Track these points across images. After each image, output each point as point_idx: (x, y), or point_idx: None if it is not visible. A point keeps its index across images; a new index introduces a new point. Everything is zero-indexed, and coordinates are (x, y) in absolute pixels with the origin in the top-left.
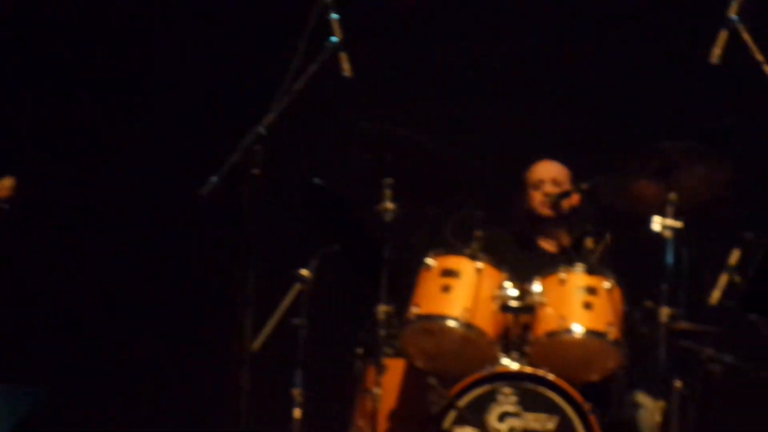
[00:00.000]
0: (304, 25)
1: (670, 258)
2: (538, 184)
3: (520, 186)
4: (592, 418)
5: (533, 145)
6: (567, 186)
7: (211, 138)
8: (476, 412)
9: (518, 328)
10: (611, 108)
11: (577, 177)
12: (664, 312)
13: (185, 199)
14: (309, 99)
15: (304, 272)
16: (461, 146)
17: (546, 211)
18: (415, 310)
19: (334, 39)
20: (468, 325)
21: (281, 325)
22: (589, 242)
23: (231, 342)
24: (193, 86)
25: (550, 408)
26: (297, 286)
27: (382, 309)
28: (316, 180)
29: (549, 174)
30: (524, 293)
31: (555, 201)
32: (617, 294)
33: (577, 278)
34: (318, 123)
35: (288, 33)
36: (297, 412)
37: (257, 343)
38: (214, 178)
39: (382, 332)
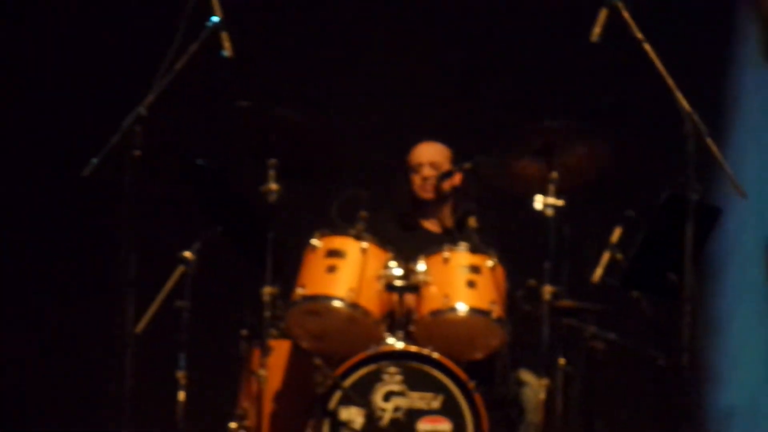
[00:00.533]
0: (185, 4)
1: (552, 236)
2: (417, 168)
3: (403, 167)
4: (477, 396)
5: (417, 124)
6: (447, 166)
7: (91, 119)
8: (362, 392)
9: (403, 307)
10: (493, 87)
11: (459, 156)
12: (547, 290)
13: (66, 180)
14: (190, 79)
15: (187, 254)
16: (345, 126)
17: (426, 194)
18: (300, 290)
19: (215, 18)
20: (353, 305)
21: (164, 308)
22: (472, 221)
23: (114, 325)
24: (73, 67)
25: (435, 386)
26: (180, 268)
27: (267, 290)
28: (199, 161)
29: (427, 157)
30: (409, 273)
31: (436, 184)
32: (500, 272)
33: (460, 257)
34: (200, 103)
35: (169, 13)
36: (181, 395)
37: (140, 326)
38: (94, 160)
39: (267, 313)
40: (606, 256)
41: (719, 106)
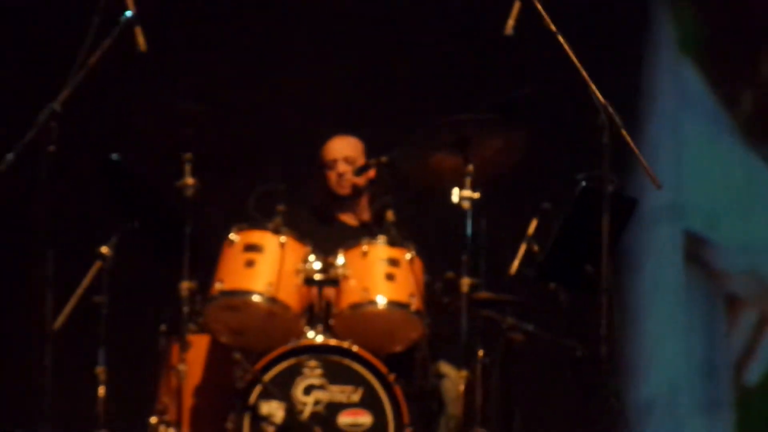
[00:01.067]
0: None
1: (469, 229)
2: (331, 164)
3: (318, 161)
4: (397, 389)
5: (331, 118)
6: (361, 161)
7: (5, 115)
8: (282, 386)
9: (322, 301)
10: (407, 80)
11: (372, 149)
12: (465, 282)
13: None
14: (104, 74)
15: (104, 249)
16: (260, 119)
17: (343, 190)
18: (218, 285)
19: (128, 13)
20: (272, 300)
21: (82, 304)
22: (389, 214)
23: (31, 321)
24: None
25: (355, 379)
26: (97, 264)
27: (185, 285)
28: (114, 156)
29: (341, 153)
30: (328, 266)
31: (354, 176)
32: (418, 265)
33: (379, 250)
34: (114, 98)
35: (82, 8)
36: (101, 390)
37: (58, 322)
38: (9, 155)
39: (186, 308)
40: (523, 248)
41: (634, 97)
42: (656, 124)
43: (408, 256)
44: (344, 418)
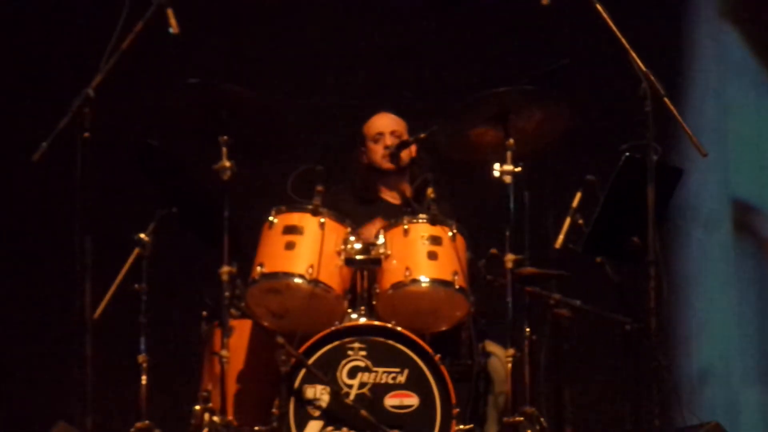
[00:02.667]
0: None
1: (511, 204)
2: (377, 138)
3: (359, 140)
4: (443, 369)
5: (369, 96)
6: (405, 137)
7: (39, 102)
8: (326, 369)
9: (364, 281)
10: (445, 55)
11: (413, 127)
12: (509, 258)
13: (17, 166)
14: (137, 57)
15: (143, 236)
16: (297, 100)
17: (387, 164)
18: (259, 269)
19: None
20: (314, 282)
21: (122, 292)
22: (430, 192)
23: (71, 311)
24: (19, 50)
25: (401, 361)
26: (136, 251)
27: (225, 270)
28: (150, 141)
29: (388, 126)
30: (369, 246)
31: (395, 153)
32: (461, 242)
33: (420, 228)
34: (149, 82)
35: None
36: (143, 379)
37: (98, 311)
38: (44, 144)
39: (227, 293)
40: (567, 222)
41: (676, 64)
42: (699, 90)
43: (450, 233)
44: (390, 400)
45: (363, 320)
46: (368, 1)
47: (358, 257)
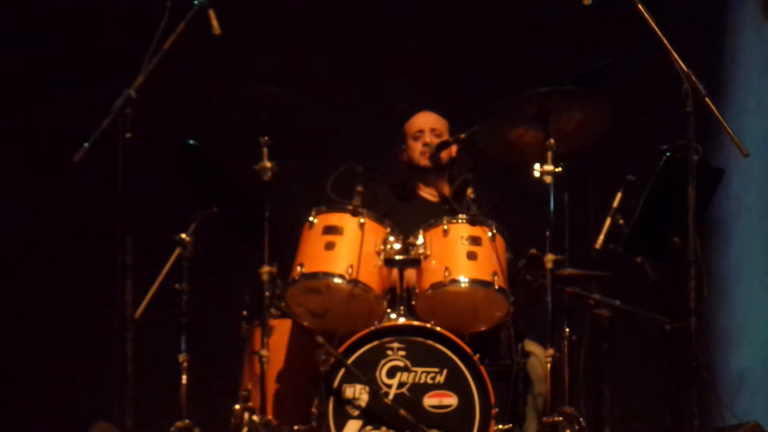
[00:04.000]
0: None
1: (551, 204)
2: (417, 135)
3: (400, 138)
4: (482, 368)
5: (409, 96)
6: (446, 136)
7: (81, 103)
8: (365, 369)
9: (404, 281)
10: (486, 55)
11: (454, 127)
12: (549, 258)
13: (59, 166)
14: (179, 59)
15: (184, 236)
16: (337, 102)
17: (425, 161)
18: (299, 269)
19: None
20: (353, 282)
21: (163, 291)
22: (469, 192)
23: (112, 311)
24: (62, 51)
25: (440, 360)
26: (177, 251)
27: (266, 270)
28: (191, 141)
29: (429, 124)
30: (408, 246)
31: (434, 152)
32: (500, 243)
33: (460, 229)
34: (190, 83)
35: None
36: (184, 378)
37: (139, 311)
38: (86, 144)
39: (267, 293)
40: (608, 222)
41: (717, 64)
42: (741, 90)
43: (489, 233)
44: (430, 400)
45: (402, 320)
46: (410, 1)
47: (398, 257)
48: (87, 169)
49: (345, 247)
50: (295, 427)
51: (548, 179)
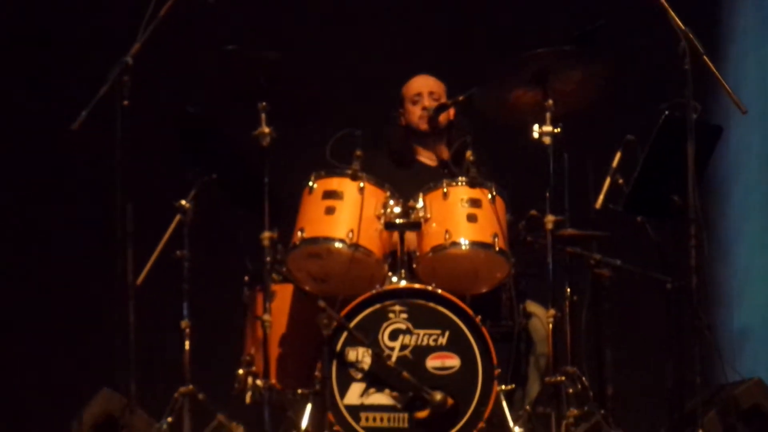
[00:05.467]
0: None
1: (551, 165)
2: (416, 99)
3: (398, 102)
4: (484, 330)
5: (407, 60)
6: (443, 99)
7: (78, 71)
8: (368, 332)
9: (404, 245)
10: (482, 17)
11: (452, 90)
12: (549, 219)
13: (57, 134)
14: (175, 26)
15: (184, 203)
16: (334, 66)
17: (424, 125)
18: (300, 234)
19: None
20: (354, 246)
21: (164, 258)
22: (469, 155)
23: (114, 278)
24: (57, 20)
25: (442, 322)
26: (177, 218)
27: (266, 235)
28: (189, 108)
29: (427, 87)
30: (408, 210)
31: (433, 115)
32: (500, 204)
33: (459, 191)
34: (187, 49)
35: None
36: (187, 345)
37: (141, 278)
38: (84, 112)
39: (268, 258)
40: (607, 182)
41: (715, 21)
42: (739, 47)
43: (489, 195)
44: (432, 362)
45: (403, 283)
46: None
47: (398, 221)
48: (86, 136)
49: (345, 212)
50: (299, 391)
51: (547, 140)
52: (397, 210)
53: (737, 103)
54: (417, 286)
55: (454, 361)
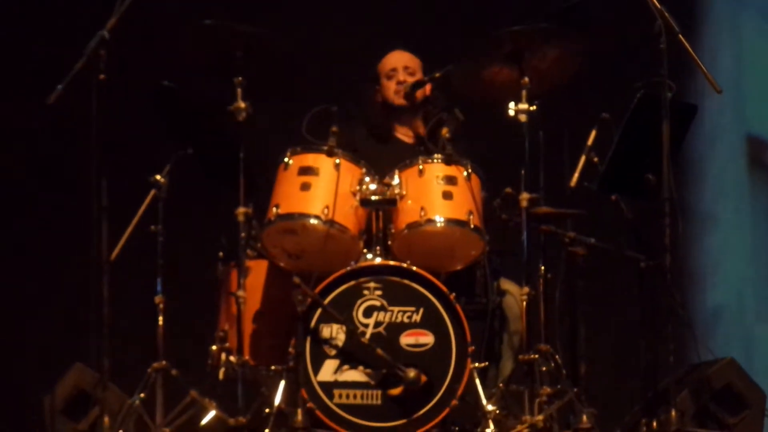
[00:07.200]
0: None
1: (526, 142)
2: (391, 74)
3: (373, 77)
4: (458, 307)
5: (383, 35)
6: (419, 75)
7: (54, 45)
8: (342, 309)
9: (380, 221)
10: None
11: (428, 66)
12: (524, 197)
13: (32, 108)
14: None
15: (159, 177)
16: (310, 41)
17: (400, 99)
18: (275, 210)
19: None
20: (329, 222)
21: (138, 233)
22: (444, 131)
23: (88, 252)
24: None
25: (416, 300)
26: (152, 192)
27: (241, 211)
28: (165, 82)
29: (402, 62)
30: (384, 187)
31: (409, 91)
32: (476, 182)
33: (435, 168)
34: (162, 23)
35: None
36: (160, 320)
37: (115, 253)
38: (59, 86)
39: (243, 234)
40: (582, 160)
41: (690, 1)
42: (714, 26)
43: (465, 173)
44: (406, 339)
45: (378, 260)
46: None
47: (374, 198)
48: (61, 110)
49: (320, 188)
50: (273, 368)
51: (523, 118)
52: (373, 187)
53: (712, 83)
54: (392, 263)
55: (428, 339)
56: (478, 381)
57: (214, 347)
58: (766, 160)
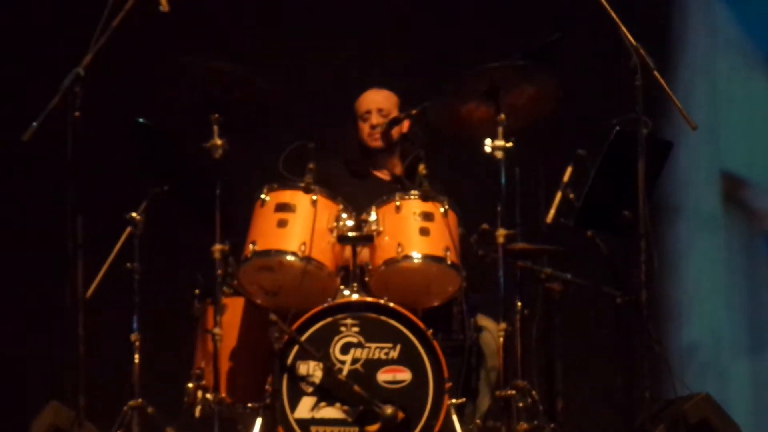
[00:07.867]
0: None
1: (502, 179)
2: (365, 116)
3: (351, 117)
4: (435, 344)
5: (361, 72)
6: (395, 113)
7: (29, 82)
8: (319, 346)
9: (357, 258)
10: (437, 30)
11: (405, 103)
12: (501, 233)
13: (6, 146)
14: (127, 36)
15: (134, 215)
16: (288, 78)
17: (375, 142)
18: (251, 247)
19: None
20: (306, 259)
21: (114, 271)
22: (421, 168)
23: (64, 289)
24: (8, 29)
25: (393, 336)
26: (128, 229)
27: (218, 248)
28: (141, 119)
29: (375, 104)
30: (361, 223)
31: (385, 131)
32: (453, 218)
33: (412, 205)
34: (138, 61)
35: None
36: (136, 358)
37: (90, 290)
38: (34, 123)
39: (219, 271)
40: (558, 196)
41: (666, 39)
42: (689, 64)
43: (442, 209)
44: (383, 376)
45: (355, 296)
46: None
47: (350, 234)
48: (36, 148)
49: (297, 225)
50: (249, 405)
51: (499, 154)
52: (350, 223)
53: (687, 119)
54: (369, 299)
55: (405, 375)
56: (455, 417)
57: (190, 385)
58: (741, 196)
